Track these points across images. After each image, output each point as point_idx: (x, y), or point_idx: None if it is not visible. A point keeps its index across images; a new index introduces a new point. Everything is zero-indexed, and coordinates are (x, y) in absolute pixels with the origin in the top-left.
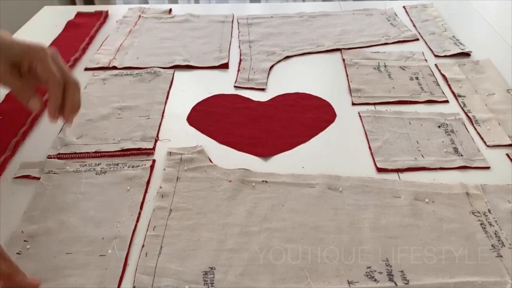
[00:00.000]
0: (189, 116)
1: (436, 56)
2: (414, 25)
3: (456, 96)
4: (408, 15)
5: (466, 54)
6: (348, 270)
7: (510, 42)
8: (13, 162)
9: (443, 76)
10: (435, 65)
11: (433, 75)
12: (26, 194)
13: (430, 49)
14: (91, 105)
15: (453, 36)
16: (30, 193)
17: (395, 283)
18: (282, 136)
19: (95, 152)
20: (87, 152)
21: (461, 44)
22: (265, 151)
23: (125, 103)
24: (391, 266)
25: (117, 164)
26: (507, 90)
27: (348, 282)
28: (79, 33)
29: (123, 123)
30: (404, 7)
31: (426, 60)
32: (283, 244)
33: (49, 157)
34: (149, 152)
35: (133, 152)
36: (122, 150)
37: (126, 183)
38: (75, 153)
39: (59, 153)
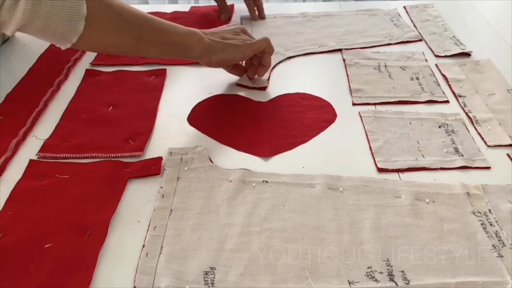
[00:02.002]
0: (190, 116)
1: (436, 56)
2: (414, 25)
3: (456, 96)
4: (409, 15)
5: (467, 54)
6: (348, 270)
7: (510, 42)
8: (14, 162)
9: (444, 76)
10: (436, 65)
11: (434, 75)
12: None
13: (431, 49)
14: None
15: (454, 36)
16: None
17: (396, 283)
18: (282, 136)
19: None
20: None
21: (462, 44)
22: (265, 151)
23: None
24: (391, 266)
25: None
26: (508, 90)
27: (349, 282)
28: None
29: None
30: (404, 7)
31: (426, 60)
32: (283, 244)
33: (41, 156)
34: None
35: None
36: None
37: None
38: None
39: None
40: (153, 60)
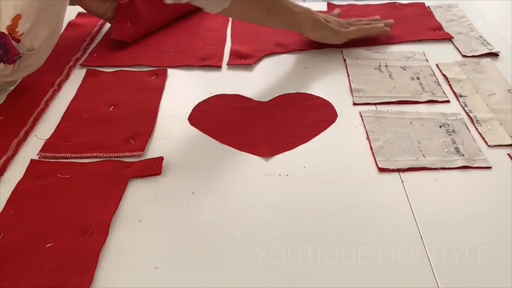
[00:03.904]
0: (190, 116)
1: (463, 56)
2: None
3: (457, 96)
4: (433, 15)
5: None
6: None
7: (510, 42)
8: (15, 162)
9: (444, 76)
10: (436, 65)
11: (434, 75)
12: None
13: (457, 49)
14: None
15: (480, 36)
16: None
17: None
18: (283, 136)
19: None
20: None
21: (489, 44)
22: (266, 151)
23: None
24: None
25: None
26: (508, 90)
27: None
28: (80, 33)
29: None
30: (428, 7)
31: (427, 60)
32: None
33: (42, 156)
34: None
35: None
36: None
37: None
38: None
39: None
40: (147, 62)
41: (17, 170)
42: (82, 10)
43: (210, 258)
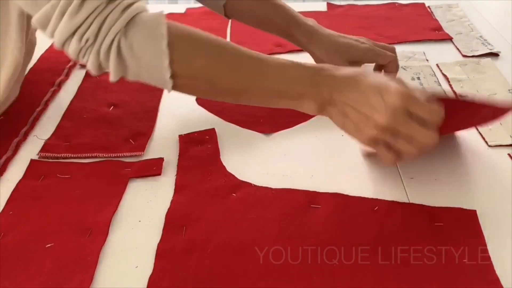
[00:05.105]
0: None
1: (464, 56)
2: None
3: (457, 96)
4: (433, 15)
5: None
6: None
7: (510, 42)
8: (15, 162)
9: (445, 76)
10: (437, 65)
11: (435, 75)
12: None
13: (458, 49)
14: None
15: (481, 36)
16: None
17: None
18: (282, 116)
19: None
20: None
21: (489, 44)
22: (266, 129)
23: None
24: None
25: None
26: (508, 90)
27: None
28: None
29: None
30: (429, 6)
31: (427, 60)
32: None
33: (42, 156)
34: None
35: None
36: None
37: None
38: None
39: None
40: None
41: (17, 170)
42: None
43: None
